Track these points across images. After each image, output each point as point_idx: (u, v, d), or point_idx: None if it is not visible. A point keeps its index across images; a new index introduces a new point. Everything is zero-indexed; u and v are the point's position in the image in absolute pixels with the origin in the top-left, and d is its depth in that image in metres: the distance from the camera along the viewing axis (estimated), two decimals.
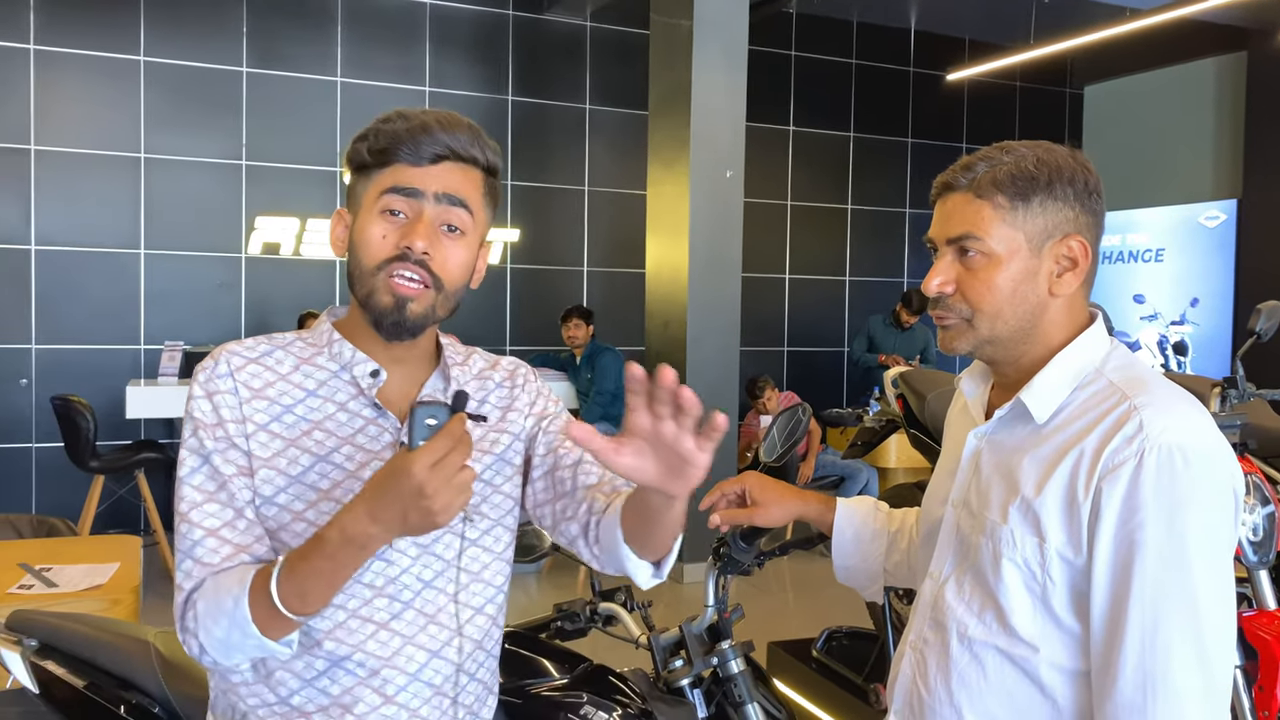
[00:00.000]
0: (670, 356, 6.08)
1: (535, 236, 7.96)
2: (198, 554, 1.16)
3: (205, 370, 1.23)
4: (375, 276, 1.21)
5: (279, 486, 1.20)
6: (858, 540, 1.60)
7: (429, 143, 1.21)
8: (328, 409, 1.24)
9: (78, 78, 6.68)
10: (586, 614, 2.00)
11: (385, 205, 1.21)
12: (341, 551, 1.06)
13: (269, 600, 1.08)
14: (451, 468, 1.00)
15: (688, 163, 5.89)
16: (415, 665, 1.23)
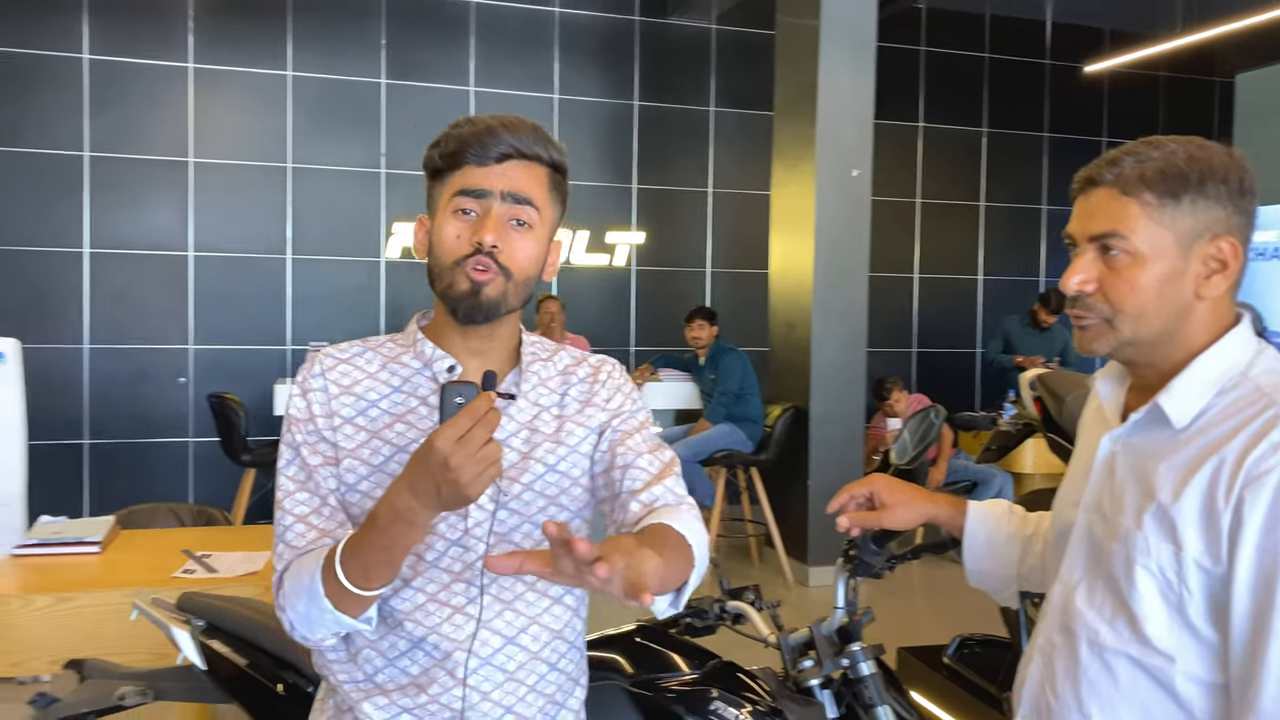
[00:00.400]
0: (794, 358, 6.06)
1: (660, 238, 8.03)
2: (288, 538, 1.26)
3: (302, 371, 1.35)
4: (452, 271, 1.29)
5: (361, 475, 1.29)
6: (990, 544, 1.58)
7: (494, 144, 1.28)
8: (410, 403, 1.32)
9: (231, 94, 7.08)
10: (715, 611, 2.03)
11: (457, 206, 1.29)
12: (391, 527, 1.12)
13: (336, 577, 1.16)
14: (475, 442, 1.04)
15: (813, 162, 5.85)
16: (489, 650, 1.28)
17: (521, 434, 1.33)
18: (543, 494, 1.32)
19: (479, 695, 1.27)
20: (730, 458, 5.84)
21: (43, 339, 6.59)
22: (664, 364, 6.26)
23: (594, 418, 1.39)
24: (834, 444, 5.89)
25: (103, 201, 6.85)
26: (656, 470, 1.34)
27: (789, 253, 6.17)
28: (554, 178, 1.36)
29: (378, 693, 1.28)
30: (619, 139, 7.93)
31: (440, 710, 1.27)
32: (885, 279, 8.33)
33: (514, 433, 1.33)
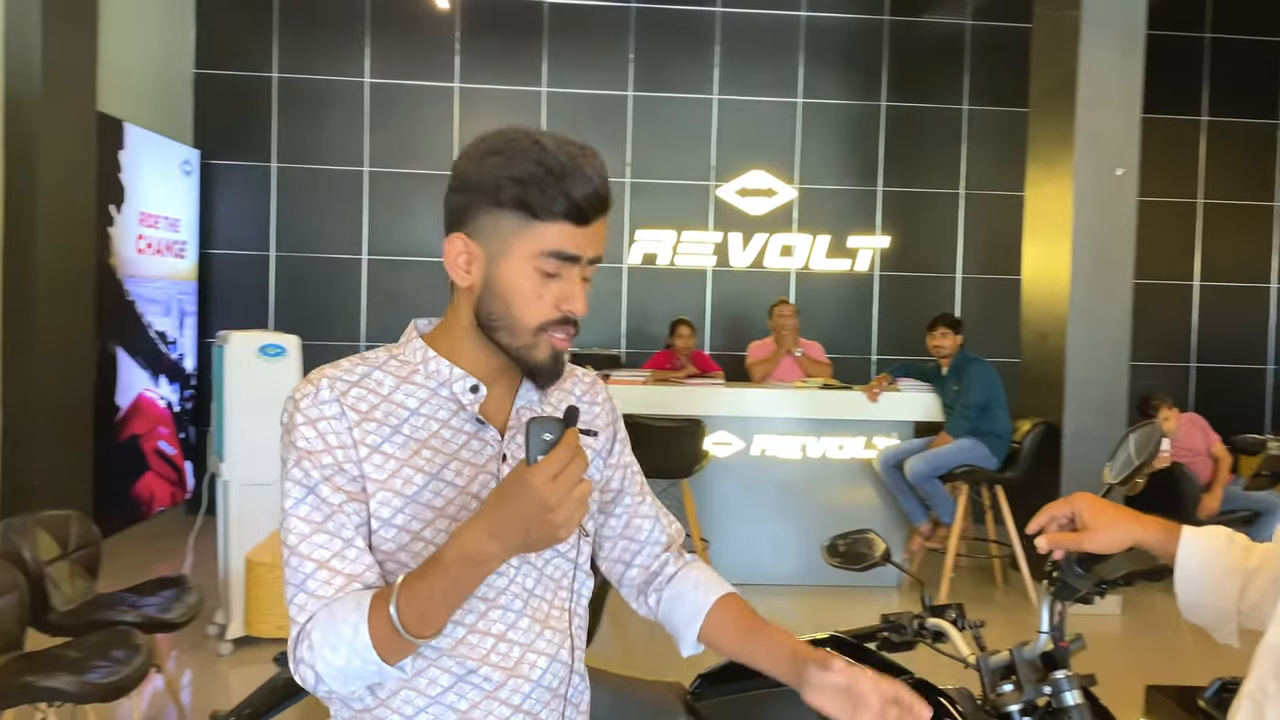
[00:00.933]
0: (1047, 370, 5.69)
1: (905, 243, 7.78)
2: (310, 587, 1.13)
3: (306, 397, 1.19)
4: (534, 335, 1.21)
5: (396, 508, 1.18)
6: (1203, 574, 1.42)
7: (591, 198, 1.18)
8: (431, 426, 1.22)
9: (491, 110, 7.54)
10: (914, 627, 1.94)
11: (544, 267, 1.19)
12: (460, 570, 1.05)
13: (389, 624, 1.07)
14: (571, 480, 1.01)
15: (1071, 161, 5.48)
16: (538, 672, 1.24)
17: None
18: None
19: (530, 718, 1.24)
20: (973, 474, 5.56)
21: (325, 337, 7.29)
22: (903, 374, 6.05)
23: (598, 440, 1.39)
24: (1089, 464, 5.47)
25: (379, 212, 7.50)
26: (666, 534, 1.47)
27: (1043, 257, 5.81)
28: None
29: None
30: (864, 141, 7.76)
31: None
32: (1157, 286, 7.66)
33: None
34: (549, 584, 1.27)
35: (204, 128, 7.36)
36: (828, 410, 5.84)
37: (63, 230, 5.15)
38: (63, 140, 5.13)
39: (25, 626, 3.14)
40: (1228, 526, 1.50)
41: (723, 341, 7.69)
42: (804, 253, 7.74)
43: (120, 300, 6.22)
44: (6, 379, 4.91)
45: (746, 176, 7.68)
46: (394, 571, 1.17)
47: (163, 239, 6.72)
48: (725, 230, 7.70)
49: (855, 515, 5.84)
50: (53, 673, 2.85)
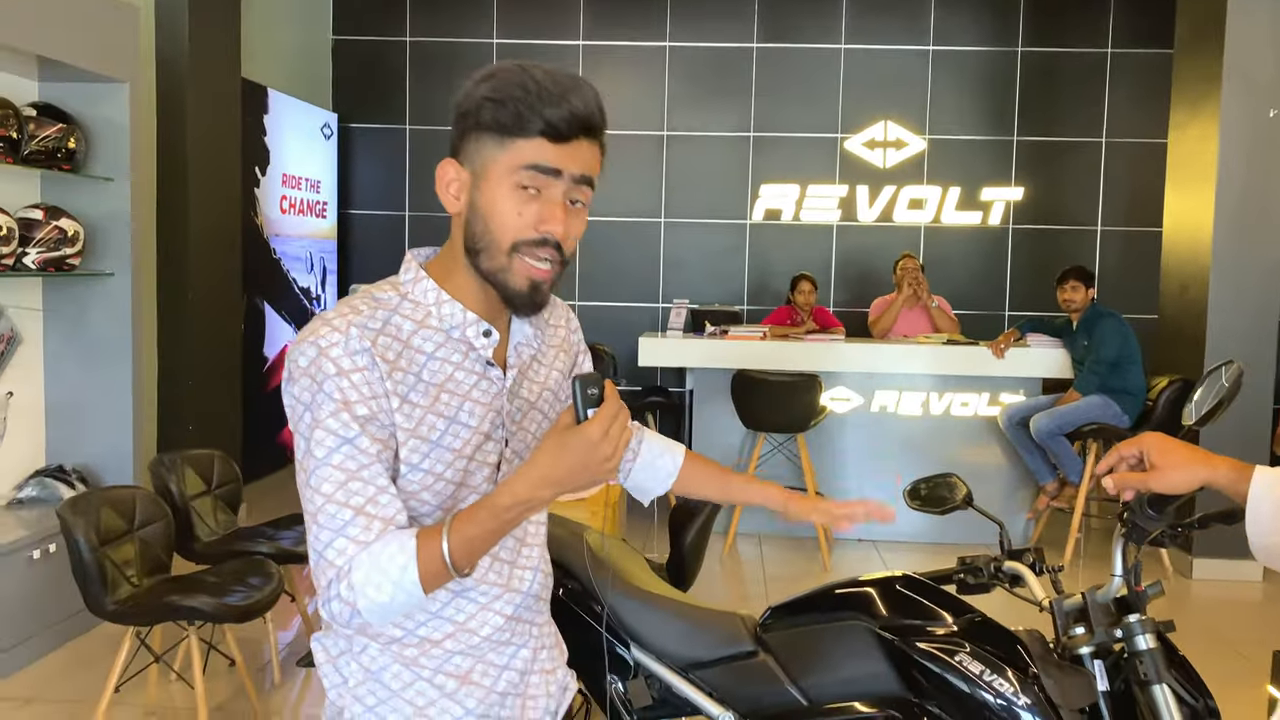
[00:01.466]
0: (1186, 324, 5.41)
1: (1041, 194, 7.48)
2: (350, 533, 1.16)
3: (336, 345, 1.19)
4: (509, 256, 1.21)
5: (424, 453, 1.22)
6: (1276, 515, 1.37)
7: (570, 119, 1.18)
8: (446, 370, 1.25)
9: (616, 66, 7.60)
10: (990, 570, 1.93)
11: (522, 181, 1.19)
12: (513, 514, 1.14)
13: (439, 563, 1.14)
14: (621, 428, 1.12)
15: (1218, 103, 5.15)
16: (525, 583, 1.35)
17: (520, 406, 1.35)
18: (535, 435, 1.36)
19: (519, 623, 1.35)
20: (1103, 432, 5.35)
21: None
22: (1032, 329, 5.84)
23: (566, 363, 1.45)
24: (1231, 424, 5.16)
25: None
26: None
27: (1186, 205, 5.50)
28: (602, 147, 1.27)
29: (426, 644, 1.29)
30: (999, 89, 7.46)
31: (487, 645, 1.32)
32: None
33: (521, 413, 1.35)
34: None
35: (342, 92, 7.68)
36: (952, 366, 5.71)
37: (212, 190, 5.49)
38: (211, 105, 5.46)
39: (172, 553, 3.42)
40: None
41: (847, 298, 7.58)
42: (934, 206, 7.54)
43: (266, 258, 6.59)
44: (162, 328, 5.31)
45: (874, 128, 7.51)
46: (415, 509, 1.24)
47: (305, 199, 7.08)
48: (852, 183, 7.57)
49: (978, 473, 5.71)
50: (194, 594, 3.11)
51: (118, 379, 4.45)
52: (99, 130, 4.35)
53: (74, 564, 3.02)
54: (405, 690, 1.29)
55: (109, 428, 4.46)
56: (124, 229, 4.38)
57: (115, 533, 3.17)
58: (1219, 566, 5.15)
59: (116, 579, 3.09)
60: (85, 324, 4.43)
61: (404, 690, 1.29)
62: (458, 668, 1.30)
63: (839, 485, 5.82)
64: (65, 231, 4.10)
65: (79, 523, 3.04)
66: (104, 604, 3.02)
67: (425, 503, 1.24)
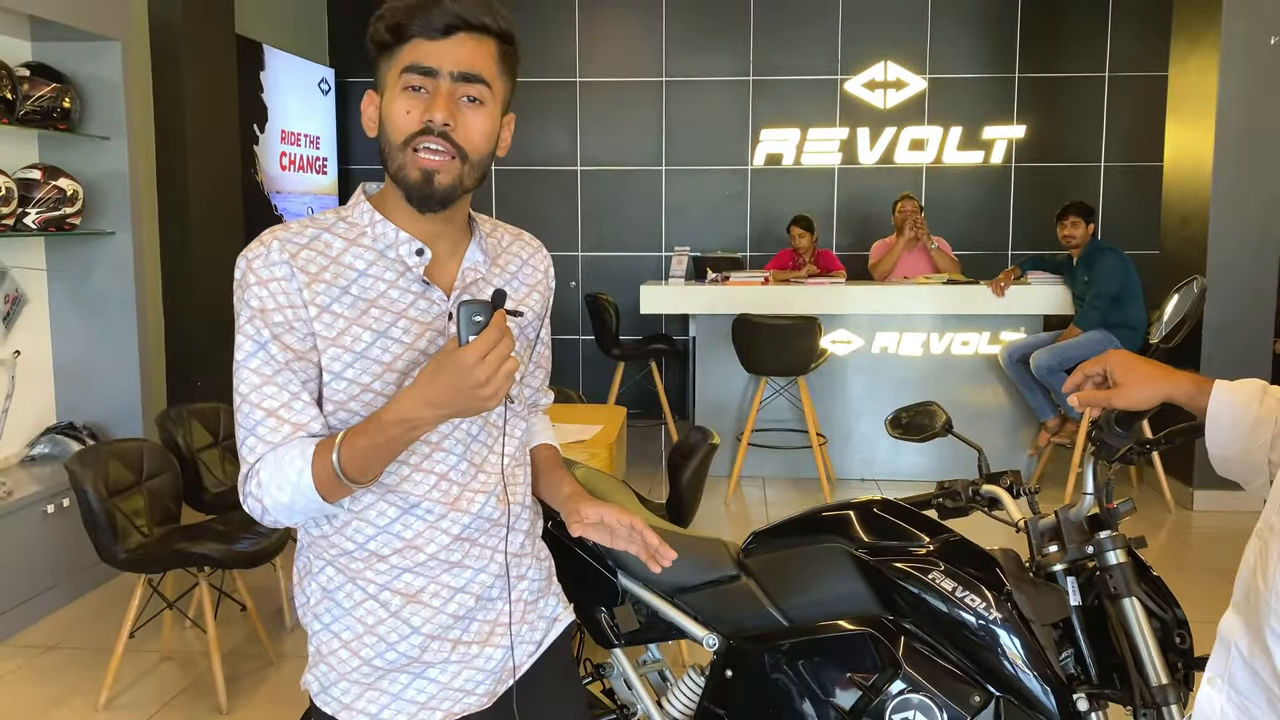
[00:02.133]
0: (1187, 257, 5.39)
1: (1044, 131, 7.42)
2: (260, 433, 1.24)
3: (259, 257, 1.26)
4: (403, 152, 1.25)
5: (346, 363, 1.27)
6: (1235, 427, 1.39)
7: (439, 14, 1.23)
8: (379, 287, 1.29)
9: (612, 11, 7.53)
10: (968, 494, 1.97)
11: (406, 83, 1.25)
12: (397, 431, 1.17)
13: (330, 470, 1.20)
14: (500, 358, 1.12)
15: (1219, 32, 5.09)
16: (476, 505, 1.36)
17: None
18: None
19: (468, 544, 1.36)
20: None
21: None
22: (1032, 266, 5.83)
23: (540, 303, 1.49)
24: (1235, 358, 5.20)
25: None
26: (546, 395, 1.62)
27: (1186, 138, 5.45)
28: (503, 49, 1.30)
29: (374, 559, 1.33)
30: (1000, 26, 7.37)
31: (438, 565, 1.34)
32: None
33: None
34: (485, 435, 1.38)
35: (338, 47, 7.64)
36: (951, 306, 5.72)
37: (210, 148, 5.51)
38: (206, 63, 5.45)
39: (181, 503, 3.50)
40: None
41: (850, 241, 7.57)
42: (935, 146, 7.48)
43: (268, 215, 6.62)
44: (166, 285, 5.36)
45: (874, 69, 7.44)
46: (345, 420, 1.28)
47: (304, 155, 7.08)
48: (852, 126, 7.51)
49: (979, 411, 5.75)
50: (203, 541, 3.19)
51: (124, 336, 4.51)
52: (93, 89, 4.37)
53: (84, 515, 3.09)
54: (356, 609, 1.34)
55: (117, 384, 4.53)
56: (123, 188, 4.41)
57: (124, 484, 3.25)
58: (1220, 497, 5.19)
59: (126, 528, 3.17)
60: (89, 283, 4.49)
61: (354, 609, 1.35)
62: (408, 585, 1.34)
63: (841, 426, 5.86)
64: (64, 191, 4.13)
65: (87, 475, 3.11)
66: (115, 552, 3.10)
67: (354, 413, 1.29)
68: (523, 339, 1.46)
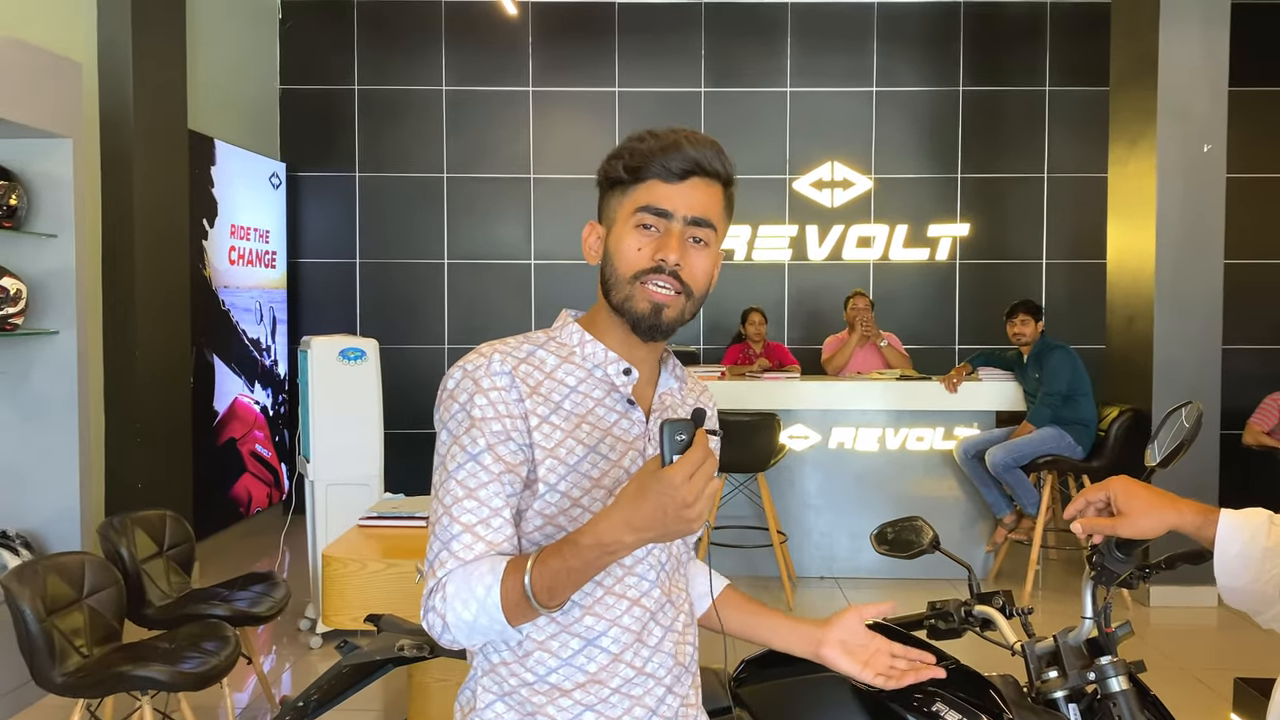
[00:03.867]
0: (1134, 355, 5.52)
1: (987, 230, 7.63)
2: (454, 547, 1.23)
3: (479, 368, 1.29)
4: (632, 285, 1.31)
5: (560, 475, 1.28)
6: (1244, 558, 1.39)
7: (679, 159, 1.29)
8: (588, 404, 1.32)
9: (565, 112, 7.64)
10: (961, 614, 1.93)
11: (640, 221, 1.31)
12: (594, 554, 1.14)
13: (520, 591, 1.16)
14: (706, 478, 1.08)
15: (1154, 139, 5.31)
16: (655, 639, 1.33)
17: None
18: None
19: (654, 681, 1.33)
20: (1057, 463, 5.43)
21: (410, 340, 7.49)
22: (983, 362, 5.93)
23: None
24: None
25: (458, 217, 7.66)
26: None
27: (1128, 239, 5.63)
28: (728, 194, 1.37)
29: (555, 692, 1.29)
30: (942, 128, 7.62)
31: (622, 700, 1.30)
32: (1252, 266, 7.35)
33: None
34: (674, 561, 1.38)
35: (290, 141, 7.63)
36: (906, 401, 5.77)
37: (159, 244, 5.41)
38: (157, 158, 5.39)
39: (123, 619, 3.32)
40: None
41: (801, 335, 7.64)
42: (882, 243, 7.65)
43: (215, 310, 6.49)
44: (109, 386, 5.19)
45: (822, 168, 7.62)
46: (551, 534, 1.27)
47: (254, 250, 7.00)
48: (801, 223, 7.65)
49: (936, 507, 5.76)
50: (147, 662, 3.01)
51: (63, 440, 4.33)
52: (42, 187, 4.27)
53: (20, 636, 2.91)
54: None
55: (55, 490, 4.33)
56: (69, 286, 4.29)
57: (63, 601, 3.07)
58: (1176, 593, 5.22)
59: (65, 649, 2.99)
60: (28, 384, 4.32)
61: None
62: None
63: (800, 522, 5.82)
64: (7, 290, 4.00)
65: (24, 592, 2.94)
66: (52, 677, 2.92)
67: (563, 529, 1.27)
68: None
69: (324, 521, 4.71)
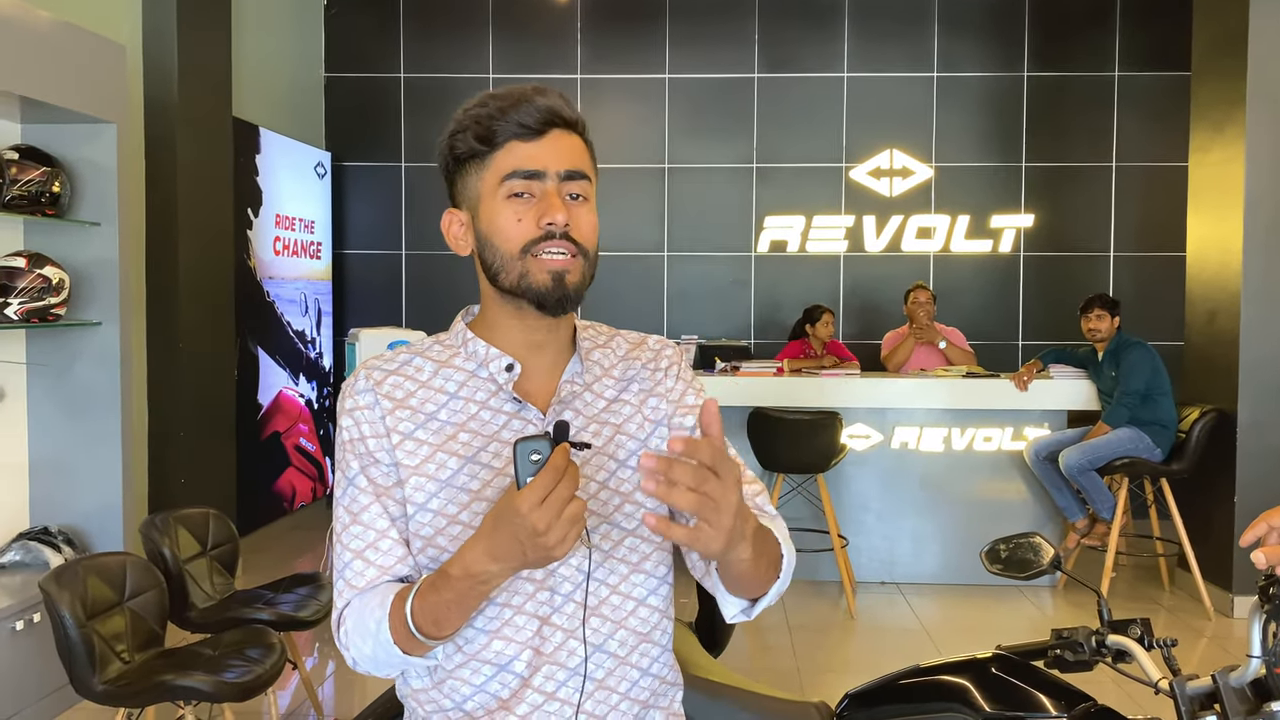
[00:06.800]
0: (1217, 353, 5.23)
1: (1052, 221, 7.33)
2: (347, 576, 1.18)
3: (346, 388, 1.24)
4: (523, 260, 1.17)
5: (430, 492, 1.18)
6: None
7: (533, 111, 1.17)
8: (470, 409, 1.20)
9: (615, 99, 7.45)
10: (1092, 645, 1.72)
11: (510, 190, 1.17)
12: (465, 585, 1.06)
13: (405, 624, 1.10)
14: (559, 501, 0.97)
15: (1243, 124, 5.00)
16: (576, 660, 1.18)
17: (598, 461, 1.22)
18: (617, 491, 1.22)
19: (570, 708, 1.18)
20: (1134, 466, 5.15)
21: None
22: (1054, 359, 5.65)
23: (658, 409, 1.28)
24: (1269, 456, 5.00)
25: None
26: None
27: (1211, 231, 5.33)
28: (587, 141, 1.25)
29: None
30: (1006, 114, 7.33)
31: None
32: None
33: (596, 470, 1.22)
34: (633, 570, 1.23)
35: (335, 130, 7.51)
36: (973, 400, 5.51)
37: (203, 234, 5.29)
38: (201, 146, 5.27)
39: (165, 623, 3.18)
40: None
41: (856, 330, 7.40)
42: (943, 234, 7.38)
43: (260, 301, 6.38)
44: (152, 380, 5.08)
45: (880, 157, 7.37)
46: (435, 557, 1.17)
47: (299, 240, 6.88)
48: (858, 214, 7.41)
49: (1004, 511, 5.51)
50: (190, 671, 2.87)
51: (106, 433, 4.21)
52: (85, 173, 4.15)
53: (59, 642, 2.78)
54: None
55: (97, 485, 4.21)
56: (112, 276, 4.16)
57: (104, 604, 2.94)
58: None
59: (106, 655, 2.85)
60: (71, 376, 4.20)
61: None
62: None
63: (860, 526, 5.60)
64: (50, 280, 3.88)
65: (65, 596, 2.80)
66: (92, 685, 2.78)
67: (444, 549, 1.17)
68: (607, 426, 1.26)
69: None
